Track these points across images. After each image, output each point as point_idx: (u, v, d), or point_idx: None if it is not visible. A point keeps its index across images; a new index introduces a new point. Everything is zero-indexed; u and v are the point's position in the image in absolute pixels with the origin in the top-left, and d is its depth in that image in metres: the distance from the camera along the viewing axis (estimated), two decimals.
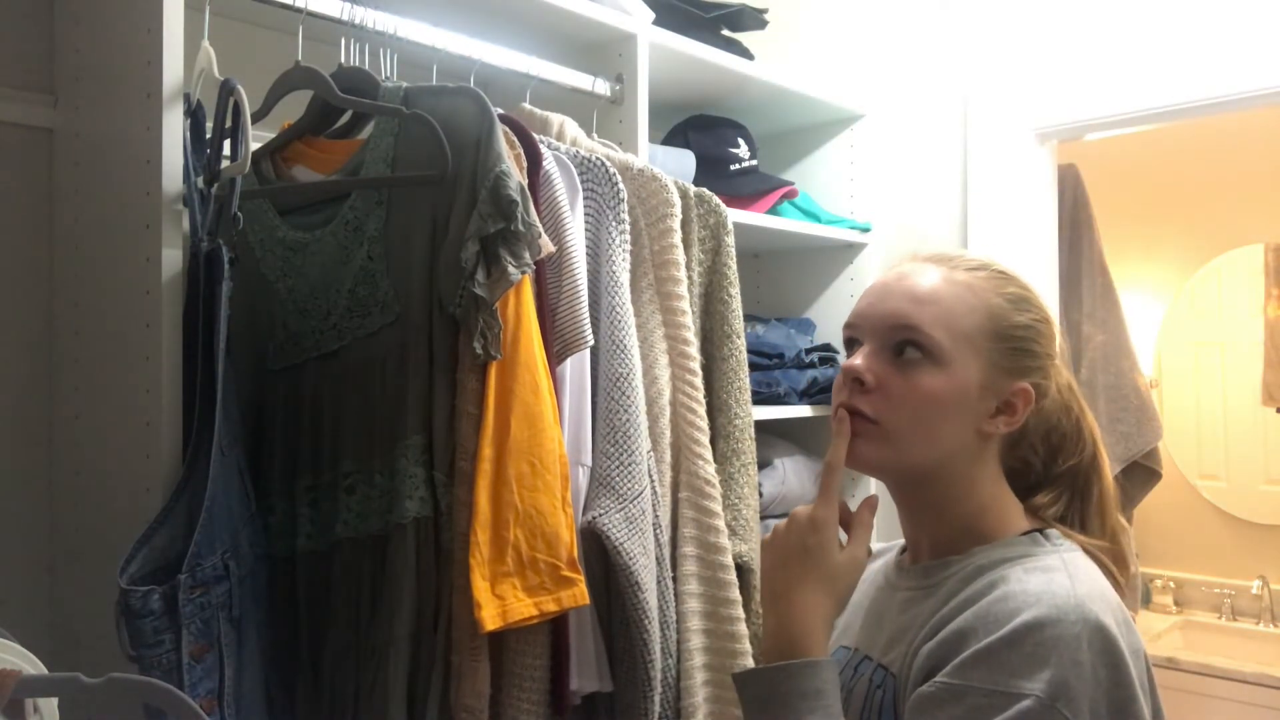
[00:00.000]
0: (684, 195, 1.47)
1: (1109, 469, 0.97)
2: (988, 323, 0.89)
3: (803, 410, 1.87)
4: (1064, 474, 0.95)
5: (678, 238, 1.41)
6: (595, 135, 1.55)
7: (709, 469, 1.40)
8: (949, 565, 0.89)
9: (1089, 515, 0.94)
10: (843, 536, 0.92)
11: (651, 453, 1.31)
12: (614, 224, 1.31)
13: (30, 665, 0.86)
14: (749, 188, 1.85)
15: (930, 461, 0.90)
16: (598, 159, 1.33)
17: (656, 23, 1.62)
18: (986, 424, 0.89)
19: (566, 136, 1.44)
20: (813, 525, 0.89)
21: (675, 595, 1.33)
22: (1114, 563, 0.91)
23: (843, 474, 0.91)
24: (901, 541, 1.01)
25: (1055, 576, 0.81)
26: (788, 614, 0.87)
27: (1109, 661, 0.75)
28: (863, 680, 0.91)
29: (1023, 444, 0.95)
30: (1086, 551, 0.88)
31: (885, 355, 0.89)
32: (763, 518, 1.82)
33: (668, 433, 1.37)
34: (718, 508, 1.39)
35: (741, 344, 1.55)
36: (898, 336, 0.89)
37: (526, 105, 1.46)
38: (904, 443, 0.89)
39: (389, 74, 1.28)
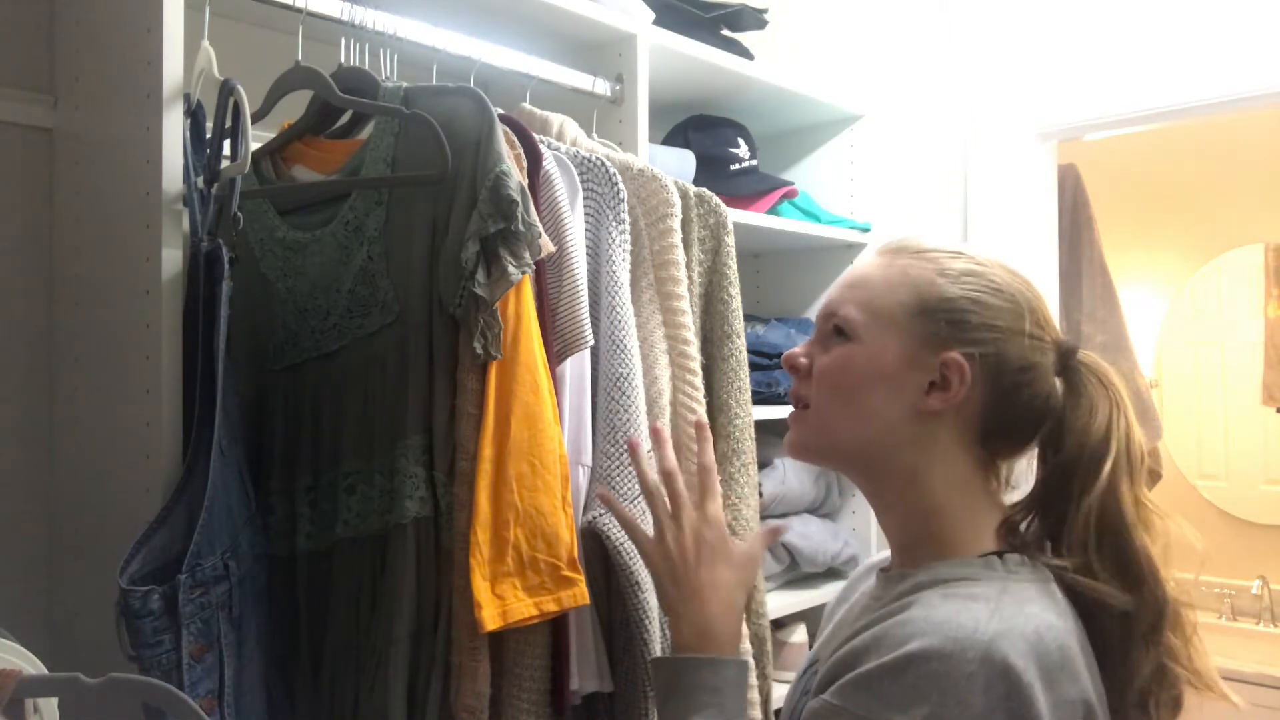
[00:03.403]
0: (684, 195, 1.47)
1: (1121, 473, 0.82)
2: (914, 299, 0.85)
3: None
4: (1048, 476, 0.85)
5: (678, 238, 1.40)
6: (595, 135, 1.55)
7: None
8: (904, 579, 0.84)
9: (1070, 529, 0.82)
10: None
11: (651, 453, 1.31)
12: (614, 224, 1.31)
13: (30, 665, 0.86)
14: (749, 188, 1.85)
15: (861, 440, 0.87)
16: (598, 159, 1.33)
17: (656, 23, 1.62)
18: (922, 401, 0.84)
19: (566, 136, 1.44)
20: (705, 521, 0.91)
21: None
22: (1126, 589, 0.80)
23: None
24: None
25: (973, 606, 0.74)
26: (697, 611, 0.89)
27: (1012, 709, 0.69)
28: (800, 685, 0.91)
29: (999, 435, 0.85)
30: (1062, 581, 0.80)
31: (820, 342, 0.91)
32: (763, 517, 1.82)
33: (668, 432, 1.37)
34: None
35: (742, 344, 1.55)
36: (829, 324, 0.90)
37: (526, 105, 1.46)
38: (827, 420, 0.88)
39: (389, 74, 1.28)
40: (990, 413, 0.84)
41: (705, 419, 0.96)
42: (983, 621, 0.72)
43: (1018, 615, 0.74)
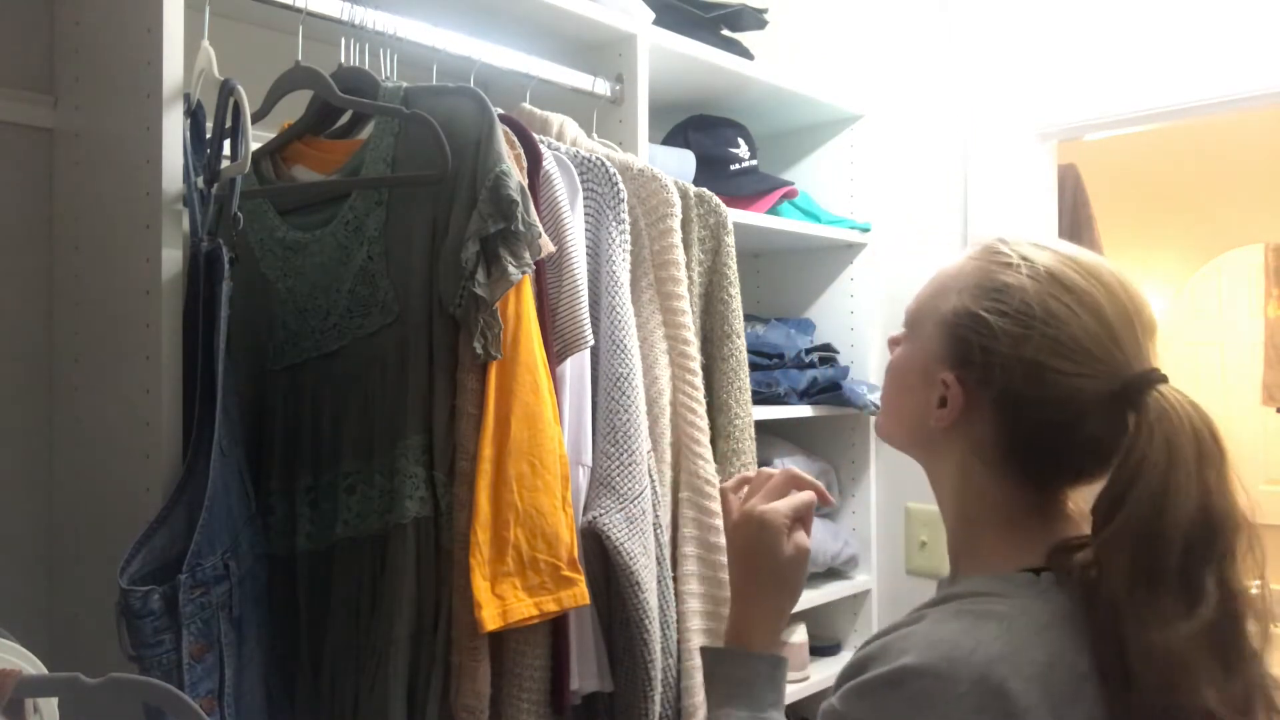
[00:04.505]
0: (684, 195, 1.47)
1: (1214, 556, 0.71)
2: (946, 308, 0.83)
3: (803, 410, 1.87)
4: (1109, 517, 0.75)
5: (678, 238, 1.40)
6: (595, 135, 1.55)
7: (709, 469, 1.40)
8: (952, 584, 0.83)
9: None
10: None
11: (652, 453, 1.31)
12: (614, 224, 1.31)
13: (30, 665, 0.86)
14: (749, 188, 1.85)
15: (900, 439, 0.90)
16: (598, 159, 1.33)
17: (656, 23, 1.62)
18: (932, 414, 0.82)
19: (566, 136, 1.44)
20: (760, 523, 0.90)
21: (676, 595, 1.33)
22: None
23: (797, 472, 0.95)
24: None
25: (983, 625, 0.72)
26: (741, 608, 0.92)
27: None
28: None
29: (1035, 464, 0.80)
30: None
31: None
32: None
33: (668, 433, 1.37)
34: (718, 507, 1.39)
35: (741, 344, 1.55)
36: None
37: (526, 105, 1.46)
38: (882, 411, 0.93)
39: (389, 74, 1.28)
40: (1009, 440, 0.80)
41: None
42: (986, 642, 0.70)
43: (1033, 637, 0.71)
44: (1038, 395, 0.77)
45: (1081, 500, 0.82)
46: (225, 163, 1.13)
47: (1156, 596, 0.70)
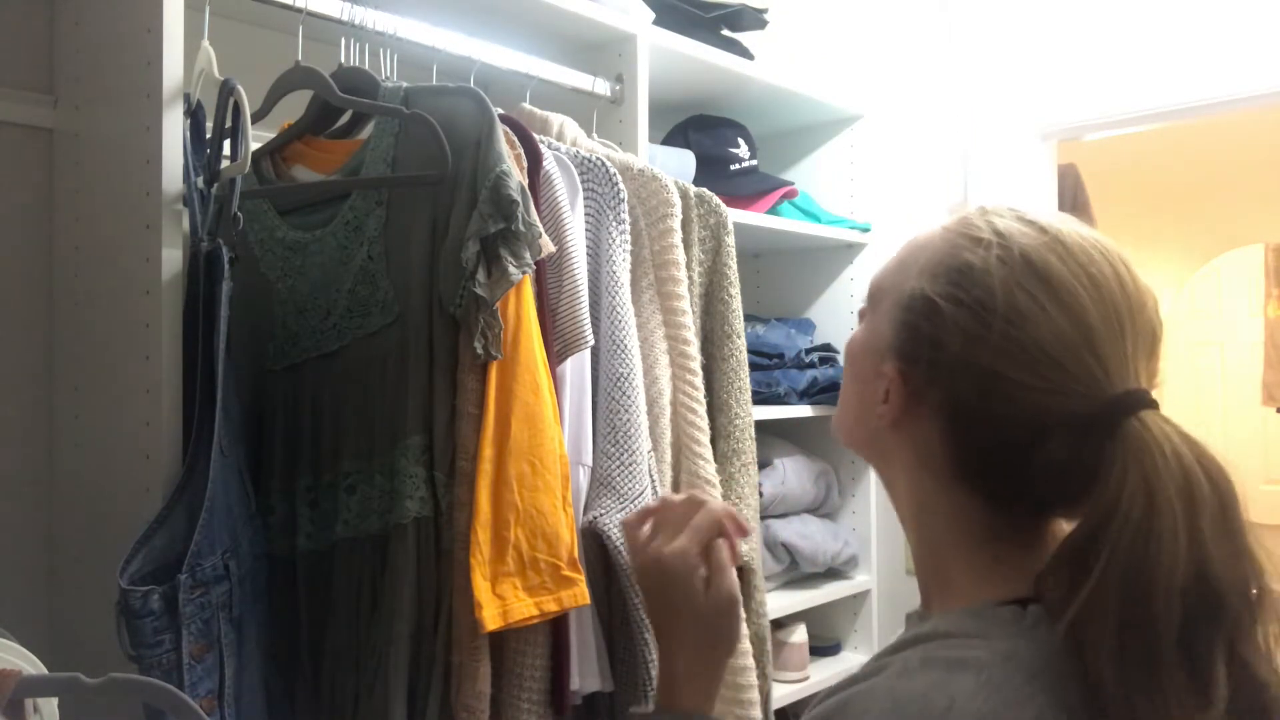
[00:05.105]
0: (684, 195, 1.47)
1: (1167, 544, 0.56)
2: (903, 287, 0.69)
3: (803, 410, 1.87)
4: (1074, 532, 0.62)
5: (678, 238, 1.41)
6: (595, 135, 1.55)
7: (709, 469, 1.40)
8: (921, 621, 0.69)
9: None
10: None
11: (652, 453, 1.31)
12: (614, 224, 1.31)
13: (30, 665, 0.86)
14: (749, 188, 1.85)
15: (848, 436, 0.77)
16: (598, 159, 1.33)
17: (656, 23, 1.62)
18: (875, 412, 0.70)
19: (566, 136, 1.44)
20: (662, 570, 0.81)
21: None
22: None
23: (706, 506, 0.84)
24: None
25: (956, 677, 0.58)
26: (666, 663, 0.82)
27: None
28: None
29: (993, 486, 0.66)
30: None
31: None
32: (763, 517, 1.82)
33: (668, 433, 1.37)
34: None
35: (742, 344, 1.55)
36: None
37: (526, 105, 1.46)
38: (839, 403, 0.79)
39: (389, 74, 1.28)
40: (955, 456, 0.66)
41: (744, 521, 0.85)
42: (962, 699, 0.57)
43: (1021, 688, 0.58)
44: (988, 409, 0.64)
45: (1068, 525, 0.67)
46: (225, 163, 1.13)
47: (1170, 693, 0.55)
